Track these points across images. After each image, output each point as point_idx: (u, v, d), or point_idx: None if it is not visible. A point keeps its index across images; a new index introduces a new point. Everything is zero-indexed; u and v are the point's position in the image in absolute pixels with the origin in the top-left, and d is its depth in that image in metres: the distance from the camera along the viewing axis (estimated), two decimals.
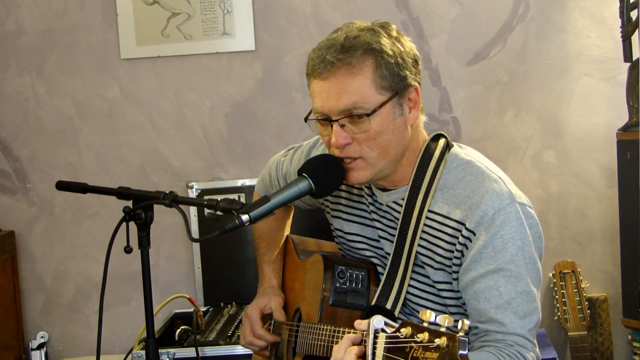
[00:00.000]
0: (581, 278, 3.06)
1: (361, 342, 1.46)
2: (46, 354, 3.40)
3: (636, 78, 2.89)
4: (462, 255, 1.68)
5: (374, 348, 1.35)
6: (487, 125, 3.29)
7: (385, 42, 1.67)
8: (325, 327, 1.75)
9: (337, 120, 1.67)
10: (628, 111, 2.94)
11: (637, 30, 2.88)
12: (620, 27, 2.95)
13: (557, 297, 3.04)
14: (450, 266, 1.70)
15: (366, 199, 1.87)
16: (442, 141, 1.79)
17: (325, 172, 1.76)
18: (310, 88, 1.73)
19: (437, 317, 1.25)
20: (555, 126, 3.27)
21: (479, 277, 1.64)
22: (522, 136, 3.28)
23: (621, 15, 2.93)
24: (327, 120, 1.69)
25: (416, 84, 1.71)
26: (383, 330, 1.34)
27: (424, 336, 1.24)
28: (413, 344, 1.25)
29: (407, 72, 1.68)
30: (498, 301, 1.62)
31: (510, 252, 1.64)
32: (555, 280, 3.07)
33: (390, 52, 1.66)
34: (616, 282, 3.14)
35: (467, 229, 1.67)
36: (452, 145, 1.79)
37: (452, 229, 1.69)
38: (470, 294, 1.65)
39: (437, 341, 1.21)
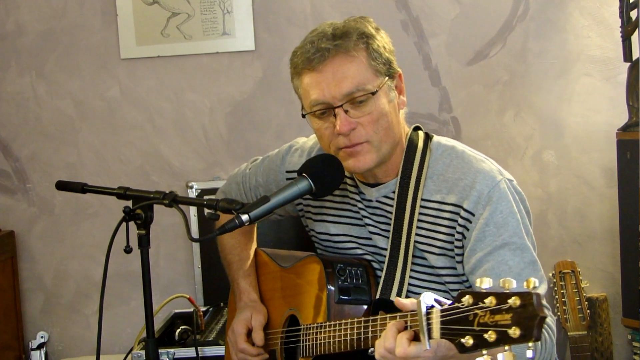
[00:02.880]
0: (581, 278, 3.06)
1: (406, 327, 1.41)
2: (46, 354, 3.40)
3: (636, 78, 2.89)
4: (464, 237, 1.69)
5: (429, 325, 1.28)
6: (487, 125, 3.29)
7: (372, 30, 1.73)
8: (346, 321, 1.71)
9: (340, 106, 1.67)
10: (628, 111, 2.95)
11: (637, 30, 2.88)
12: (620, 27, 2.95)
13: (557, 297, 3.04)
14: (452, 249, 1.71)
15: (352, 198, 1.87)
16: (421, 132, 1.83)
17: (325, 171, 1.76)
18: (302, 84, 1.74)
19: (497, 281, 1.18)
20: (555, 126, 3.27)
21: (486, 255, 1.66)
22: (522, 136, 3.28)
23: (621, 15, 2.93)
24: (327, 109, 1.69)
25: (400, 70, 1.77)
26: (434, 307, 1.28)
27: (491, 300, 1.16)
28: (478, 311, 1.18)
29: (392, 58, 1.74)
30: (509, 275, 1.63)
31: (511, 226, 1.67)
32: (555, 280, 3.07)
33: (378, 39, 1.72)
34: (616, 282, 3.14)
35: (465, 210, 1.69)
36: (432, 136, 1.83)
37: (449, 212, 1.71)
38: (480, 273, 1.66)
39: (509, 301, 1.14)
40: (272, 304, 2.07)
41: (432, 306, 1.29)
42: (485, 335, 1.16)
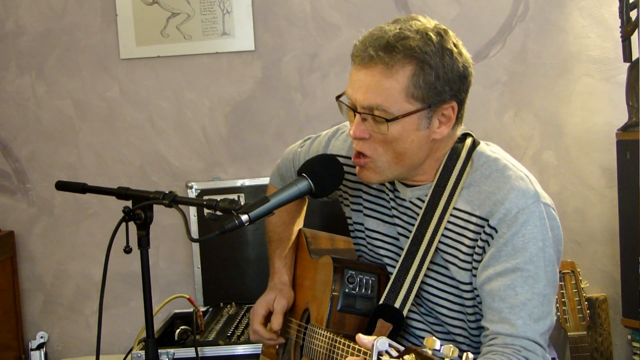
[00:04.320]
0: (581, 278, 3.05)
1: None
2: (46, 354, 3.40)
3: (636, 78, 2.89)
4: (484, 251, 1.65)
5: None
6: (487, 125, 3.29)
7: (433, 52, 1.62)
8: (327, 334, 1.73)
9: (360, 113, 1.64)
10: (628, 111, 2.94)
11: (636, 30, 2.88)
12: (620, 27, 2.95)
13: (556, 297, 3.04)
14: (470, 262, 1.67)
15: (387, 194, 1.83)
16: (468, 140, 1.76)
17: (325, 172, 1.76)
18: (351, 70, 1.69)
19: (442, 347, 1.23)
20: (555, 126, 3.27)
21: (497, 275, 1.62)
22: (522, 136, 3.28)
23: (621, 15, 2.93)
24: (352, 108, 1.67)
25: (454, 101, 1.66)
26: (387, 353, 1.31)
27: None
28: None
29: (447, 88, 1.63)
30: (513, 301, 1.59)
31: (530, 252, 1.62)
32: None
33: (434, 64, 1.61)
34: (616, 282, 3.14)
35: (489, 225, 1.64)
36: (479, 143, 1.77)
37: (475, 225, 1.66)
38: (486, 291, 1.63)
39: None
40: (300, 290, 2.06)
41: (387, 352, 1.31)
42: None
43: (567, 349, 3.04)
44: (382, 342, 1.32)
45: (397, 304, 1.71)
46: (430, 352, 1.23)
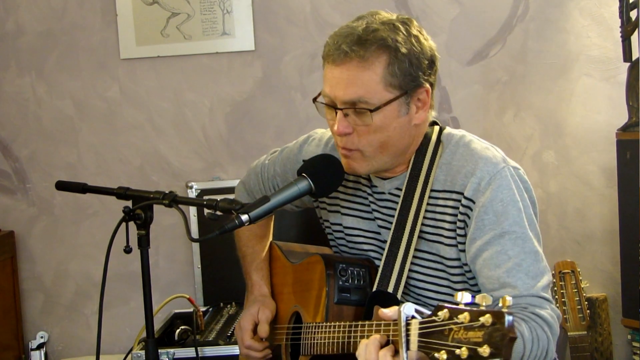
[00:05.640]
0: (581, 278, 3.05)
1: (388, 342, 1.42)
2: (46, 354, 3.40)
3: (636, 78, 2.89)
4: (465, 225, 1.68)
5: (407, 336, 1.30)
6: (487, 125, 3.29)
7: (403, 40, 1.67)
8: (333, 324, 1.74)
9: (341, 109, 1.68)
10: (628, 111, 2.94)
11: (636, 30, 2.88)
12: (620, 27, 2.95)
13: (556, 297, 3.04)
14: (455, 237, 1.70)
15: (364, 191, 1.86)
16: (436, 127, 1.81)
17: (325, 172, 1.76)
18: (324, 71, 1.74)
19: (474, 298, 1.21)
20: (555, 126, 3.27)
21: (486, 245, 1.64)
22: (522, 136, 3.28)
23: (621, 15, 2.93)
24: (332, 106, 1.70)
25: (427, 85, 1.71)
26: (414, 317, 1.30)
27: (465, 317, 1.19)
28: (453, 326, 1.20)
29: (420, 73, 1.68)
30: (508, 265, 1.61)
31: (512, 215, 1.64)
32: (554, 280, 3.07)
33: (405, 51, 1.66)
34: (616, 282, 3.14)
35: (465, 197, 1.67)
36: (445, 127, 1.82)
37: (453, 200, 1.70)
38: (480, 263, 1.65)
39: (482, 319, 1.16)
40: (281, 298, 2.08)
41: (413, 317, 1.30)
42: (458, 352, 1.17)
43: (567, 349, 3.03)
44: (408, 307, 1.31)
45: (390, 290, 1.73)
46: (462, 305, 1.22)
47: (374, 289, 1.75)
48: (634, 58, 2.92)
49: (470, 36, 3.27)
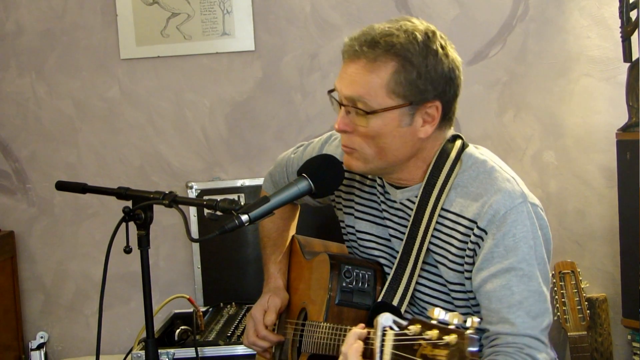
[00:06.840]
0: (581, 278, 3.05)
1: (367, 339, 1.44)
2: (46, 354, 3.40)
3: (636, 78, 2.89)
4: (475, 254, 1.67)
5: (382, 345, 1.32)
6: (487, 125, 3.29)
7: (417, 51, 1.65)
8: (330, 325, 1.75)
9: (345, 105, 1.69)
10: (628, 111, 2.94)
11: (636, 30, 2.88)
12: (620, 27, 2.95)
13: (556, 297, 3.04)
14: (462, 264, 1.69)
15: (378, 197, 1.86)
16: (458, 142, 1.78)
17: (325, 172, 1.77)
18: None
19: (447, 315, 1.22)
20: (555, 126, 3.27)
21: (491, 277, 1.63)
22: (522, 136, 3.28)
23: (621, 16, 2.93)
24: (338, 101, 1.72)
25: (438, 100, 1.69)
26: (391, 328, 1.31)
27: (433, 333, 1.20)
28: (422, 342, 1.22)
29: (430, 87, 1.66)
30: (510, 300, 1.61)
31: (522, 251, 1.63)
32: (554, 280, 3.07)
33: (416, 63, 1.65)
34: (616, 282, 3.14)
35: (478, 227, 1.66)
36: (468, 146, 1.79)
37: (464, 227, 1.68)
38: (483, 293, 1.64)
39: (446, 338, 1.18)
40: (295, 292, 2.09)
41: (391, 327, 1.31)
42: None
43: (567, 349, 3.04)
44: (386, 318, 1.32)
45: (395, 303, 1.72)
46: (435, 322, 1.23)
47: (380, 299, 1.75)
48: (634, 58, 2.92)
49: (470, 36, 3.27)
